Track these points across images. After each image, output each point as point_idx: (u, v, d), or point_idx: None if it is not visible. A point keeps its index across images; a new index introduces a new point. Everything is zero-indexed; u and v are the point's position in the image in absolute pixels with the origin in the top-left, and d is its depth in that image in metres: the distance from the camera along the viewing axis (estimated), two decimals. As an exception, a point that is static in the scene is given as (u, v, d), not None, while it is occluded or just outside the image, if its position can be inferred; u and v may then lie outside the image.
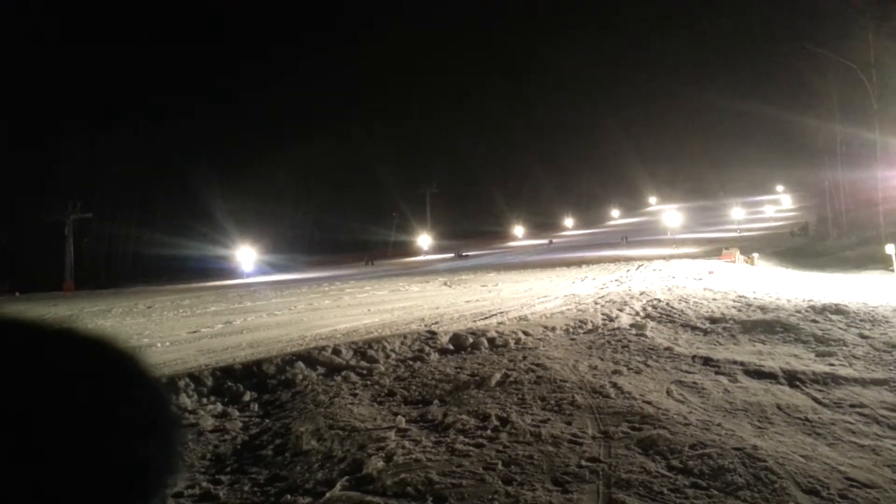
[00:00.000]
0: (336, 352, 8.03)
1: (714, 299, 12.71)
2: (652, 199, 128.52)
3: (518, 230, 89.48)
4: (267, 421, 5.92)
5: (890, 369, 6.77)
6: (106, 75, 66.44)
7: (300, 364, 7.59)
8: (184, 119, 68.93)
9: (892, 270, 20.89)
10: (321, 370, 7.55)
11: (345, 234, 73.30)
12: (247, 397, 6.71)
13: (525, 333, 9.29)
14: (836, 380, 6.40)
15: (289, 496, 4.11)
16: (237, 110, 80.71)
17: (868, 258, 27.79)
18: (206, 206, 62.89)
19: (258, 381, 7.19)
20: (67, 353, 0.74)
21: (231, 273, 50.80)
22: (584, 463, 4.31)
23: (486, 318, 11.55)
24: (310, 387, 6.87)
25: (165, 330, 13.68)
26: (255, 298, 21.61)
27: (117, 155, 63.10)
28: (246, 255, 52.18)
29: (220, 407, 6.42)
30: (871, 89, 33.14)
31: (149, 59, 75.42)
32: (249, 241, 54.11)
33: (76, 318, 18.04)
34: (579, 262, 30.19)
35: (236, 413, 6.23)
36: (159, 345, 11.12)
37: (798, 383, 6.38)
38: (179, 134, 68.17)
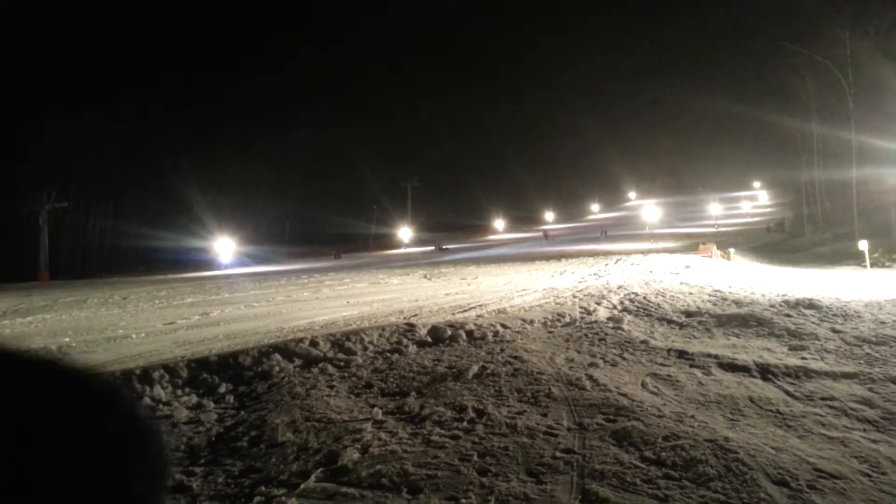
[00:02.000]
0: (313, 344, 7.99)
1: (690, 293, 12.84)
2: (631, 195, 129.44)
3: (499, 224, 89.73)
4: (242, 413, 5.88)
5: (860, 363, 6.90)
6: (81, 65, 65.34)
7: (277, 356, 7.55)
8: (161, 109, 68.16)
9: (865, 266, 21.28)
10: (298, 362, 7.51)
11: (326, 226, 73.01)
12: (222, 389, 6.66)
13: (503, 326, 9.31)
14: (808, 373, 6.50)
15: (263, 488, 4.09)
16: (216, 101, 79.95)
17: (842, 254, 28.28)
18: (183, 197, 62.21)
19: (234, 373, 7.13)
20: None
21: (208, 264, 50.31)
22: (558, 454, 4.34)
23: (465, 310, 11.56)
24: (286, 379, 6.83)
25: (141, 321, 13.53)
26: (232, 290, 21.43)
27: (93, 145, 62.12)
28: (224, 247, 51.67)
29: (194, 398, 6.36)
30: (848, 88, 33.59)
31: (126, 48, 74.41)
32: (227, 232, 53.64)
33: (51, 308, 17.77)
34: (559, 256, 30.31)
35: (211, 405, 6.18)
36: (134, 336, 10.99)
37: (770, 376, 6.47)
38: (156, 124, 67.38)
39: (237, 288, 22.42)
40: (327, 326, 10.26)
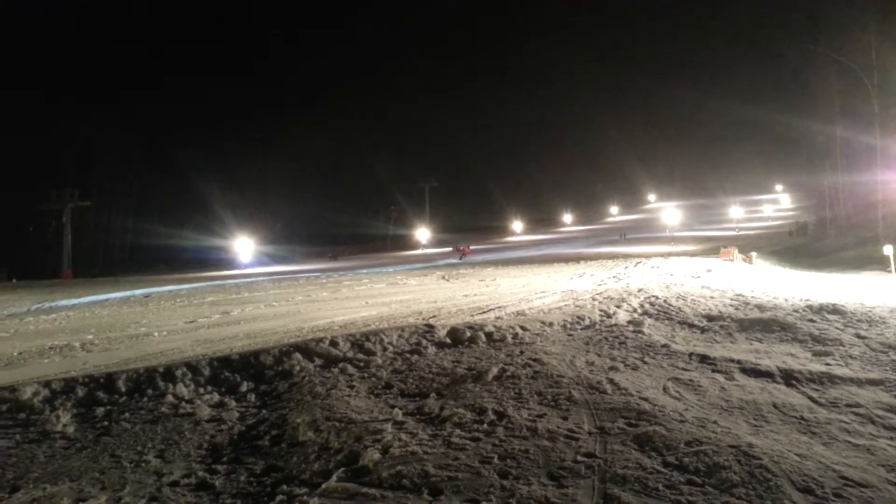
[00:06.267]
0: (333, 343, 8.03)
1: (712, 297, 12.72)
2: (651, 197, 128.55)
3: (517, 225, 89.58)
4: (264, 411, 5.92)
5: (886, 370, 6.79)
6: (104, 64, 66.25)
7: (297, 355, 7.59)
8: (182, 111, 68.99)
9: (890, 271, 20.93)
10: (318, 362, 7.55)
11: (344, 226, 73.40)
12: (244, 387, 6.71)
13: (522, 328, 9.29)
14: (833, 379, 6.41)
15: (285, 486, 4.12)
16: (236, 103, 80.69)
17: (866, 259, 27.84)
18: (203, 198, 62.87)
19: (255, 372, 7.19)
20: None
21: (228, 264, 50.80)
22: (579, 458, 4.32)
23: (484, 312, 11.55)
24: (307, 378, 6.87)
25: (163, 319, 13.68)
26: (252, 289, 21.60)
27: (115, 144, 62.94)
28: (244, 247, 52.12)
29: (216, 397, 6.42)
30: (873, 91, 33.10)
31: (149, 50, 75.28)
32: (247, 231, 54.09)
33: (74, 306, 18.02)
34: (577, 258, 30.19)
35: (233, 403, 6.23)
36: (156, 334, 11.12)
37: (794, 382, 6.39)
38: (177, 125, 68.23)
39: (257, 287, 22.59)
40: (346, 326, 10.31)
